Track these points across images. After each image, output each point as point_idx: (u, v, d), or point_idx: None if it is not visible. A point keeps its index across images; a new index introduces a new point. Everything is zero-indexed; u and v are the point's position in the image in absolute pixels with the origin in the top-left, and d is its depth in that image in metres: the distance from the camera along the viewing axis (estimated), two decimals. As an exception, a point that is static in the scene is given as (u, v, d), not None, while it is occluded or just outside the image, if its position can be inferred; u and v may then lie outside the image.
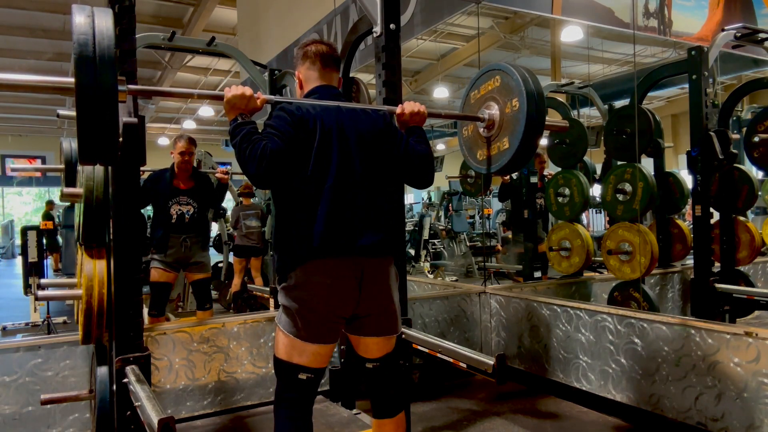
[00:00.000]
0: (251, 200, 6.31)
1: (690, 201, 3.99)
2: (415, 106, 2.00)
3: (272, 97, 1.89)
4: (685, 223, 4.44)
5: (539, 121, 2.05)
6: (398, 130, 1.99)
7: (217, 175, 4.14)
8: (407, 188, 3.34)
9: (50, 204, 11.66)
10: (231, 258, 6.90)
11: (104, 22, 1.50)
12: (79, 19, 1.47)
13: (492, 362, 1.91)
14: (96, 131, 1.49)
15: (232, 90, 1.78)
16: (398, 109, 2.01)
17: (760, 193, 4.06)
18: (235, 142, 1.72)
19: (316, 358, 1.81)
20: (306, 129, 1.76)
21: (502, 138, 2.15)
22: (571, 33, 7.26)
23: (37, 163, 18.96)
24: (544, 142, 5.36)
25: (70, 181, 2.74)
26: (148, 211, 5.79)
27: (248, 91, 1.77)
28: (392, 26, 2.43)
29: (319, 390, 3.13)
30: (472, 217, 10.91)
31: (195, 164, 3.97)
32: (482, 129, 2.24)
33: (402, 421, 2.01)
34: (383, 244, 1.84)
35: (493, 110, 2.18)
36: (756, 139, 3.61)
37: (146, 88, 1.80)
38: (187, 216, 3.87)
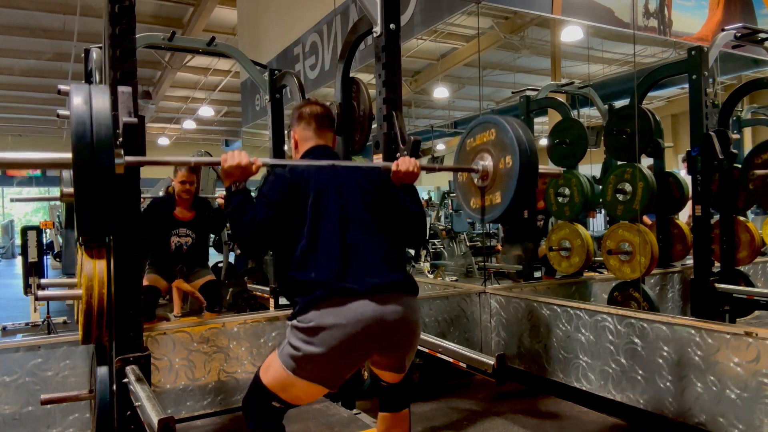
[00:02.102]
0: None
1: (689, 203, 3.98)
2: (409, 165, 1.98)
3: (268, 160, 1.92)
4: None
5: (531, 181, 2.07)
6: (394, 185, 2.00)
7: (218, 200, 4.14)
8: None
9: None
10: (232, 258, 6.91)
11: (101, 101, 1.53)
12: (77, 99, 1.51)
13: (492, 362, 1.92)
14: (93, 208, 1.52)
15: (229, 159, 1.80)
16: (393, 166, 1.99)
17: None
18: (228, 212, 1.78)
19: (299, 398, 1.78)
20: (299, 190, 1.79)
21: (495, 191, 2.18)
22: (571, 33, 7.26)
23: (37, 163, 18.93)
24: (544, 142, 5.36)
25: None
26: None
27: (244, 159, 1.80)
28: (392, 26, 2.43)
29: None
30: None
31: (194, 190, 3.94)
32: (476, 179, 2.26)
33: (406, 417, 2.05)
34: (402, 282, 1.78)
35: (487, 162, 2.20)
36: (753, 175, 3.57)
37: (142, 159, 1.83)
38: (185, 247, 3.91)
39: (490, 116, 2.19)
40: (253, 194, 1.86)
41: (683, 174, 4.29)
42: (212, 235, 6.52)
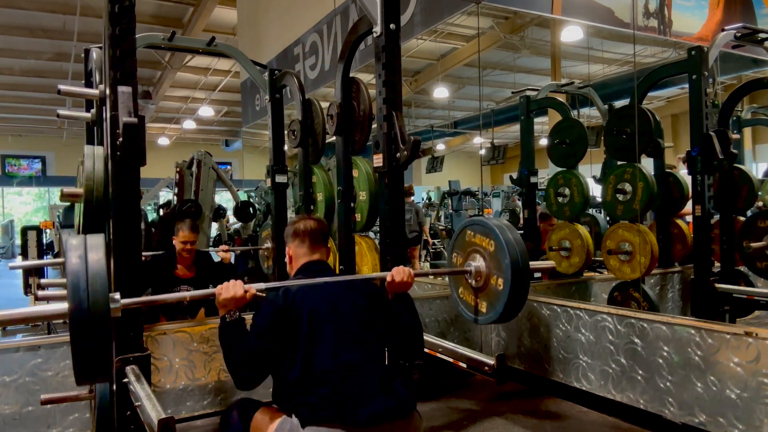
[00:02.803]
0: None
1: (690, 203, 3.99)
2: (404, 275, 2.02)
3: (262, 285, 1.94)
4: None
5: (517, 308, 2.12)
6: (387, 298, 2.03)
7: (219, 254, 4.13)
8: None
9: None
10: (232, 258, 6.90)
11: (95, 257, 1.56)
12: (72, 253, 1.56)
13: (492, 362, 1.92)
14: (90, 355, 1.54)
15: (224, 292, 1.83)
16: (388, 277, 2.03)
17: (760, 193, 4.06)
18: (223, 343, 1.82)
19: None
20: (292, 316, 1.82)
21: (483, 300, 2.21)
22: (571, 33, 7.25)
23: (37, 163, 18.98)
24: (544, 142, 5.36)
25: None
26: (147, 208, 5.77)
27: (239, 291, 1.83)
28: (392, 26, 2.43)
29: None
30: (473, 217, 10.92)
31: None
32: (470, 279, 2.26)
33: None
34: (398, 407, 1.77)
35: (481, 264, 2.21)
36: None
37: (138, 300, 1.85)
38: (185, 302, 3.88)
39: (493, 227, 2.18)
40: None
41: (682, 173, 4.30)
42: (213, 235, 6.53)
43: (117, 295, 1.66)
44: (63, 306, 1.53)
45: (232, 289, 1.82)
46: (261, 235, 5.24)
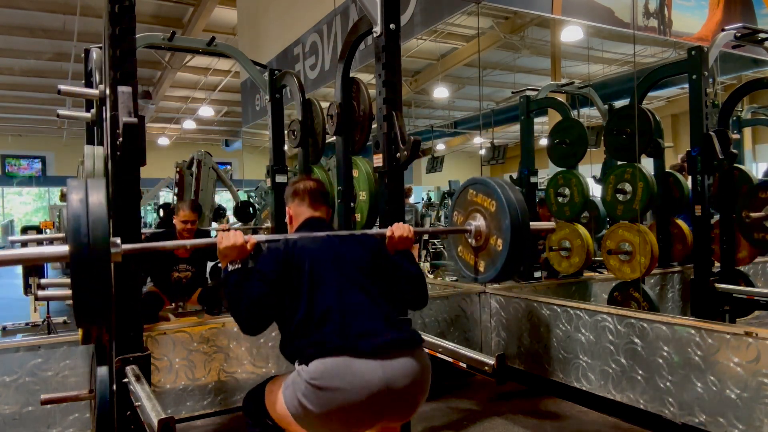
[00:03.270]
0: None
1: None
2: (404, 231, 2.03)
3: (262, 237, 1.94)
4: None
5: (515, 268, 2.13)
6: (389, 252, 2.03)
7: (219, 233, 4.18)
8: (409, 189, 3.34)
9: None
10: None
11: (96, 196, 1.56)
12: (73, 195, 1.55)
13: (492, 362, 1.91)
14: (91, 298, 1.54)
15: (224, 240, 1.83)
16: (388, 232, 2.03)
17: (760, 193, 4.06)
18: (226, 292, 1.81)
19: None
20: (294, 262, 1.81)
21: (482, 259, 2.21)
22: (571, 33, 7.25)
23: (37, 163, 18.98)
24: (544, 142, 5.36)
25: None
26: (147, 208, 5.80)
27: (239, 239, 1.83)
28: (392, 26, 2.43)
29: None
30: (472, 217, 10.90)
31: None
32: (470, 239, 2.27)
33: None
34: (406, 339, 1.74)
35: (481, 224, 2.21)
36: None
37: (138, 246, 1.85)
38: (184, 280, 3.99)
39: (496, 187, 2.17)
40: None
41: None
42: (213, 235, 6.53)
43: (118, 240, 1.66)
44: (63, 248, 1.52)
45: (232, 237, 1.82)
46: (261, 216, 5.23)
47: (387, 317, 1.78)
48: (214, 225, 6.67)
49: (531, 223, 2.15)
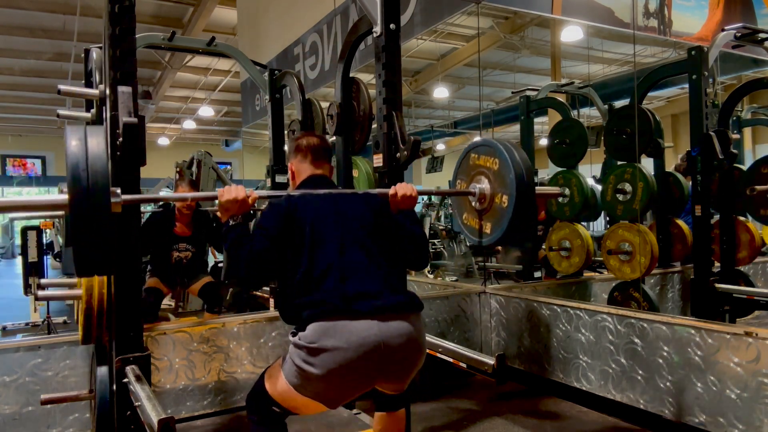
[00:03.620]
0: None
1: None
2: (407, 189, 2.00)
3: (264, 192, 1.92)
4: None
5: (522, 226, 2.08)
6: (392, 212, 2.01)
7: (217, 212, 4.16)
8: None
9: None
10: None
11: (95, 142, 1.53)
12: (72, 140, 1.52)
13: (492, 362, 1.91)
14: (91, 248, 1.52)
15: (225, 194, 1.79)
16: (391, 191, 2.00)
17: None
18: (227, 247, 1.79)
19: (300, 409, 1.80)
20: (296, 219, 1.80)
21: (488, 221, 2.19)
22: (571, 33, 7.25)
23: (37, 164, 18.98)
24: (544, 142, 5.36)
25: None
26: (147, 208, 5.80)
27: (241, 193, 1.79)
28: (392, 26, 2.43)
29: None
30: (472, 217, 10.90)
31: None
32: (473, 202, 2.25)
33: (402, 417, 2.05)
34: (405, 302, 1.76)
35: (485, 186, 2.19)
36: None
37: (139, 197, 1.86)
38: (185, 260, 3.97)
39: (498, 145, 2.17)
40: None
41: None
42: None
43: (118, 190, 1.66)
44: (63, 197, 1.51)
45: (233, 191, 1.79)
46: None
47: (386, 278, 1.78)
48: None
49: (537, 188, 2.12)
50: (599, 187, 4.23)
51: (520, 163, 2.05)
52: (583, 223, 4.41)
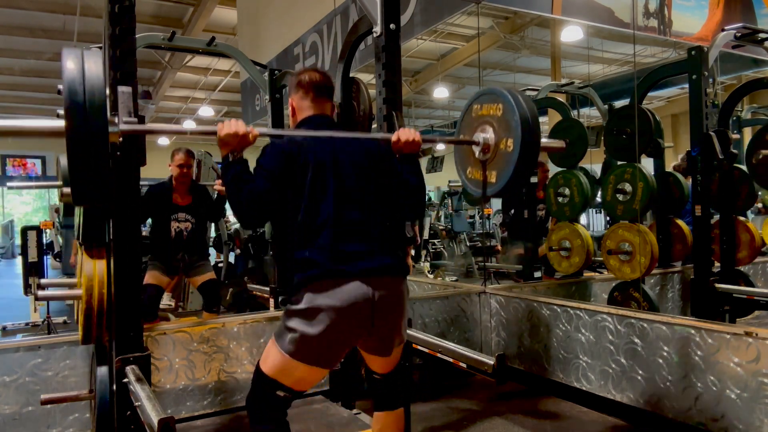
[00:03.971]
0: None
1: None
2: (410, 135, 1.97)
3: (265, 130, 1.89)
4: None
5: (529, 169, 2.04)
6: (394, 157, 1.99)
7: (215, 187, 4.13)
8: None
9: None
10: (232, 258, 6.90)
11: (93, 65, 1.49)
12: (69, 63, 1.48)
13: (492, 362, 1.91)
14: (88, 175, 1.49)
15: (225, 127, 1.74)
16: (394, 137, 1.97)
17: (760, 193, 4.06)
18: (225, 183, 1.76)
19: (301, 383, 1.80)
20: (297, 163, 1.78)
21: (491, 170, 2.17)
22: (571, 33, 7.26)
23: (37, 164, 18.98)
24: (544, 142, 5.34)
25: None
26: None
27: (241, 128, 1.74)
28: (392, 26, 2.43)
29: (319, 390, 3.14)
30: (472, 217, 10.92)
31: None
32: (477, 152, 2.24)
33: (401, 416, 2.04)
34: (393, 265, 1.82)
35: (489, 135, 2.17)
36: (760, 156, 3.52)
37: (137, 128, 1.84)
38: (185, 233, 3.90)
39: (501, 90, 2.16)
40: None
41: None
42: (212, 236, 6.52)
43: (116, 118, 1.64)
44: (60, 122, 1.48)
45: (234, 125, 1.74)
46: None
47: (379, 237, 1.82)
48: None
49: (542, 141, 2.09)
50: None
51: (524, 105, 2.02)
52: (582, 222, 4.42)
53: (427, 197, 12.43)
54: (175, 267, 3.93)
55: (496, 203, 13.33)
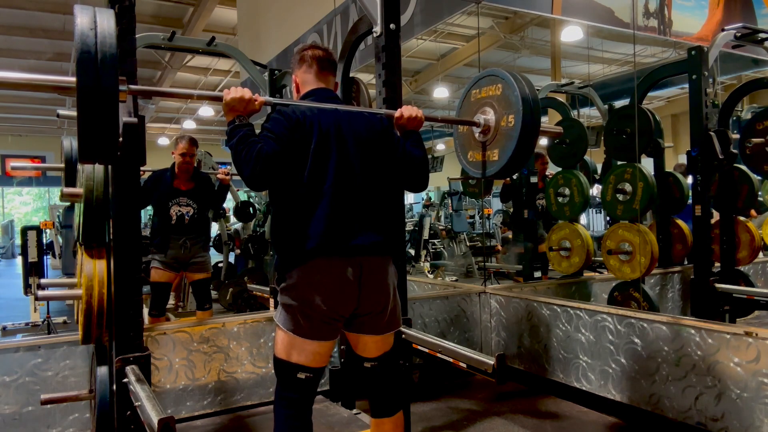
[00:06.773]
0: None
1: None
2: (412, 111, 2.01)
3: (271, 99, 1.91)
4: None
5: (531, 143, 2.06)
6: (395, 133, 2.01)
7: (218, 176, 4.14)
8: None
9: None
10: (232, 258, 6.91)
11: (106, 22, 1.51)
12: (82, 19, 1.49)
13: (492, 362, 1.91)
14: (96, 131, 1.51)
15: (231, 92, 1.78)
16: (396, 113, 2.01)
17: (760, 193, 4.06)
18: (232, 144, 1.75)
19: (315, 357, 1.83)
20: (303, 131, 1.79)
21: (494, 149, 2.17)
22: (571, 33, 7.26)
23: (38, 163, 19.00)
24: (544, 142, 5.37)
25: (70, 181, 2.74)
26: (148, 210, 5.79)
27: (247, 93, 1.78)
28: (392, 26, 2.43)
29: (319, 390, 3.14)
30: (472, 217, 10.92)
31: (195, 164, 3.97)
32: (477, 134, 2.24)
33: (400, 421, 2.02)
34: (383, 244, 1.87)
35: (489, 116, 2.17)
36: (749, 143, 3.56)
37: (147, 88, 1.84)
38: (186, 217, 3.88)
39: (499, 70, 2.17)
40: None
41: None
42: (213, 235, 6.51)
43: (125, 78, 1.64)
44: (70, 78, 1.49)
45: (240, 90, 1.78)
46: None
47: (374, 215, 1.86)
48: (215, 225, 6.67)
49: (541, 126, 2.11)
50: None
51: (523, 82, 2.03)
52: (582, 222, 4.42)
53: (427, 197, 12.42)
54: (176, 259, 3.91)
55: (497, 203, 13.34)
